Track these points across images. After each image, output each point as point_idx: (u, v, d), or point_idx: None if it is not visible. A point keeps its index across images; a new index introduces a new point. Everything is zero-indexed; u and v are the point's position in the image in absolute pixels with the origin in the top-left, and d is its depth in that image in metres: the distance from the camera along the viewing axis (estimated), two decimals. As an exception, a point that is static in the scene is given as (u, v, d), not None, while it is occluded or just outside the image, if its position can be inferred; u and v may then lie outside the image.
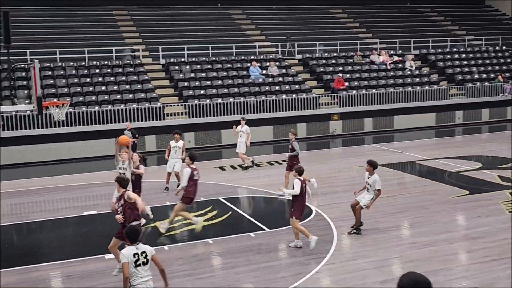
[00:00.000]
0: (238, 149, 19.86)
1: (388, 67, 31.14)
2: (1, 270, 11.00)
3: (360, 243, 11.92)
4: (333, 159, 22.01)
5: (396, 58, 32.20)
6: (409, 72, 30.94)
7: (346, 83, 28.63)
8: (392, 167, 19.62)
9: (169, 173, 16.98)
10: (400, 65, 31.64)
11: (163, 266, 7.82)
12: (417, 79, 30.37)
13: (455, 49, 34.75)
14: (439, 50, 34.26)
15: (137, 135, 20.14)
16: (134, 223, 9.70)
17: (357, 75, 30.08)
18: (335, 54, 31.99)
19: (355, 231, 12.51)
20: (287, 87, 27.70)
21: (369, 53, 32.32)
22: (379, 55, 31.97)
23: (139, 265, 7.48)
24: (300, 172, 11.66)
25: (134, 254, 7.47)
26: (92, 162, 22.47)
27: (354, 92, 27.98)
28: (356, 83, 29.18)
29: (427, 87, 29.36)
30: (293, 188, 11.45)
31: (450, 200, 15.07)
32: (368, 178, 12.39)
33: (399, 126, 28.28)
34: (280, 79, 28.32)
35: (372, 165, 12.35)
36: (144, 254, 7.53)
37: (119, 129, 23.39)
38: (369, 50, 32.88)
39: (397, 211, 14.18)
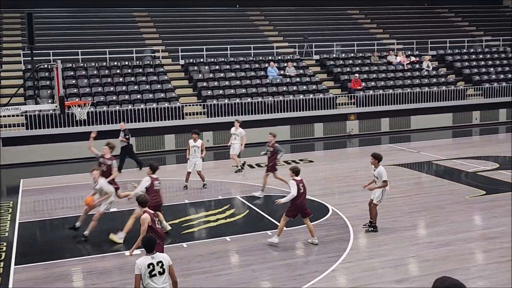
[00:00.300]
0: (232, 151, 19.77)
1: (405, 68, 31.13)
2: (27, 265, 11.37)
3: (376, 242, 12.06)
4: (350, 159, 22.12)
5: (413, 58, 32.16)
6: (426, 73, 30.90)
7: (363, 84, 28.70)
8: (409, 167, 19.70)
9: (189, 172, 17.25)
10: (417, 66, 31.61)
11: (177, 278, 7.67)
12: (434, 80, 30.33)
13: (472, 50, 34.61)
14: (457, 50, 34.15)
15: (128, 136, 19.77)
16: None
17: (374, 75, 30.13)
18: (352, 55, 32.06)
19: (372, 229, 12.67)
20: (305, 87, 27.85)
21: (386, 53, 32.33)
22: (396, 55, 31.96)
23: (154, 275, 7.30)
24: (296, 172, 11.85)
25: (149, 265, 7.31)
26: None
27: (371, 92, 28.05)
28: (373, 83, 29.24)
29: (444, 88, 29.32)
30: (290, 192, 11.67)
31: (467, 200, 15.13)
32: (374, 170, 12.54)
33: (416, 126, 28.27)
34: (298, 79, 28.49)
35: (377, 158, 12.49)
36: (160, 264, 7.36)
37: (140, 128, 23.88)
38: (386, 50, 32.89)
39: (414, 211, 14.29)
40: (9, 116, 22.04)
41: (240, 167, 19.64)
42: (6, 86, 25.33)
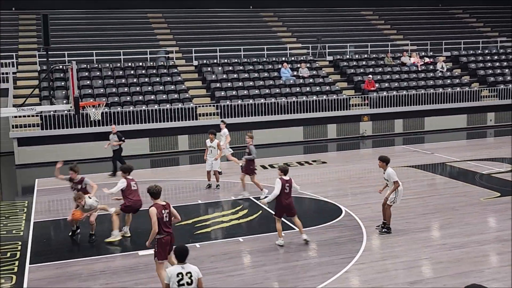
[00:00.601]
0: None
1: (419, 69, 31.00)
2: (41, 264, 11.48)
3: (390, 243, 12.02)
4: (363, 160, 22.06)
5: (427, 59, 32.02)
6: (440, 74, 30.74)
7: (377, 85, 28.62)
8: (423, 169, 19.61)
9: (209, 172, 17.38)
10: (431, 67, 31.45)
11: None
12: (449, 81, 30.16)
13: (487, 51, 34.35)
14: (471, 51, 33.91)
15: (123, 138, 19.33)
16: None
17: (388, 76, 30.02)
18: (365, 56, 31.97)
19: (385, 230, 12.66)
20: (318, 88, 27.83)
21: (400, 54, 32.21)
22: (410, 56, 31.83)
23: (183, 284, 7.39)
24: (285, 171, 11.90)
25: (178, 274, 7.42)
26: (127, 161, 22.89)
27: (385, 93, 27.95)
28: (386, 84, 29.14)
29: (458, 89, 29.13)
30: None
31: (481, 202, 15.03)
32: (384, 173, 12.60)
33: (430, 128, 28.14)
34: (311, 80, 28.47)
35: (384, 160, 12.56)
36: (189, 275, 7.44)
37: (154, 129, 24.00)
38: (400, 51, 32.76)
39: (427, 212, 14.23)
40: (24, 116, 22.29)
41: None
42: (22, 86, 25.60)
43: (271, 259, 11.29)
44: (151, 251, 11.76)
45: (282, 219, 12.18)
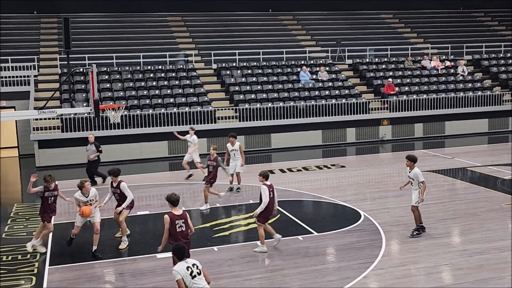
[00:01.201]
0: (187, 158, 19.45)
1: (440, 72, 30.72)
2: (60, 266, 11.56)
3: (409, 249, 11.91)
4: (382, 164, 21.90)
5: (448, 63, 31.72)
6: (461, 78, 30.43)
7: (397, 88, 28.42)
8: (443, 173, 19.41)
9: (232, 175, 17.40)
10: (452, 70, 31.15)
11: (208, 278, 8.05)
12: (470, 85, 29.83)
13: (509, 54, 33.91)
14: (493, 55, 33.52)
15: (100, 149, 18.77)
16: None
17: (408, 80, 29.80)
18: (385, 59, 31.79)
19: (416, 232, 12.67)
20: (337, 92, 27.71)
21: (420, 58, 31.96)
22: (431, 60, 31.58)
23: (195, 276, 7.74)
24: (266, 176, 11.79)
25: (187, 268, 7.76)
26: (145, 164, 23.09)
27: (405, 97, 27.74)
28: (406, 88, 28.92)
29: (479, 93, 28.80)
30: (260, 200, 11.72)
31: (502, 207, 14.82)
32: (409, 172, 12.66)
33: (451, 132, 27.85)
34: (330, 84, 28.37)
35: (412, 160, 12.63)
36: (195, 266, 7.82)
37: (172, 132, 24.05)
38: (420, 55, 32.51)
39: (447, 218, 14.07)
40: (45, 119, 22.53)
41: (190, 174, 19.37)
42: (43, 89, 25.89)
43: (289, 263, 11.25)
44: (169, 254, 11.83)
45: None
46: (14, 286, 10.58)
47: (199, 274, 7.79)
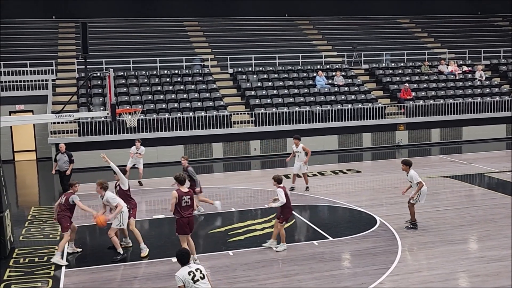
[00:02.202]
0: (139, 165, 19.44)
1: (457, 77, 30.50)
2: (76, 268, 11.64)
3: (426, 255, 11.82)
4: (398, 170, 21.61)
5: (465, 68, 31.48)
6: (479, 83, 30.18)
7: (413, 93, 28.26)
8: (460, 179, 19.24)
9: (294, 175, 17.78)
10: (470, 75, 30.91)
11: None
12: (487, 90, 29.57)
13: (528, 59, 33.60)
14: (511, 60, 33.20)
15: (73, 158, 18.03)
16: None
17: (425, 85, 29.63)
18: (402, 64, 31.64)
19: (411, 226, 13.50)
20: (353, 96, 27.63)
21: (438, 63, 31.77)
22: (448, 65, 31.37)
23: (197, 280, 7.80)
24: (279, 180, 12.19)
25: (189, 272, 7.82)
26: (161, 167, 23.18)
27: (421, 102, 27.57)
28: (423, 93, 28.76)
29: (497, 98, 28.53)
30: (278, 200, 12.09)
31: (520, 214, 14.66)
32: (407, 176, 13.51)
33: (468, 137, 27.63)
34: (346, 88, 28.30)
35: (407, 164, 13.50)
36: (198, 271, 7.88)
37: (189, 136, 24.18)
38: (438, 60, 32.32)
39: (464, 224, 13.93)
40: (63, 122, 22.73)
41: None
42: (61, 93, 26.14)
43: (304, 269, 11.21)
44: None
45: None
46: (31, 289, 10.68)
47: (202, 278, 7.83)
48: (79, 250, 12.68)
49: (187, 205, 11.07)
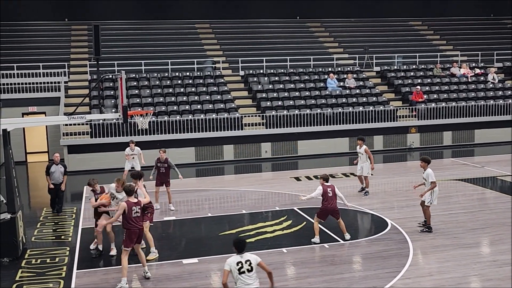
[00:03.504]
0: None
1: (469, 80, 30.32)
2: (88, 270, 11.70)
3: (437, 258, 11.74)
4: (410, 173, 21.66)
5: (478, 70, 31.29)
6: (491, 85, 29.99)
7: (425, 96, 28.13)
8: (473, 182, 19.11)
9: (359, 176, 17.80)
10: (482, 78, 30.72)
11: (271, 269, 8.49)
12: (500, 92, 29.37)
13: (542, 62, 33.34)
14: (524, 62, 32.99)
15: (67, 170, 16.54)
16: None
17: (437, 87, 29.49)
18: (414, 67, 31.52)
19: (426, 229, 13.42)
20: (364, 99, 27.55)
21: (450, 65, 31.61)
22: (460, 67, 31.20)
23: (243, 272, 8.05)
24: (326, 179, 12.96)
25: (238, 263, 8.09)
26: (172, 170, 23.15)
27: (433, 105, 27.44)
28: (435, 95, 28.61)
29: (510, 101, 28.32)
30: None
31: (533, 218, 14.53)
32: (423, 173, 13.48)
33: (480, 140, 27.44)
34: (357, 91, 28.22)
35: (426, 161, 13.50)
36: (248, 262, 8.11)
37: (200, 138, 24.22)
38: (450, 62, 32.15)
39: (477, 228, 13.83)
40: (75, 124, 22.85)
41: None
42: (73, 95, 26.31)
43: (315, 271, 11.18)
44: (196, 260, 11.89)
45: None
46: (43, 289, 10.74)
47: (249, 271, 8.06)
48: (99, 248, 12.73)
49: (137, 216, 10.75)
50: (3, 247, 12.15)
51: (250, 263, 8.11)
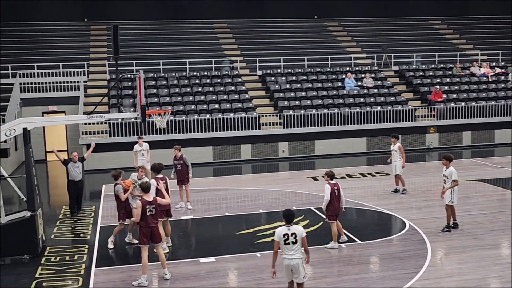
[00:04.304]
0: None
1: (490, 79, 30.00)
2: (106, 267, 11.79)
3: (456, 260, 11.64)
4: (429, 173, 21.49)
5: (498, 70, 30.95)
6: (512, 85, 29.67)
7: (444, 96, 27.88)
8: (492, 183, 18.90)
9: (395, 176, 17.63)
10: (503, 77, 30.37)
11: (307, 248, 9.06)
12: (521, 92, 29.04)
13: None
14: (546, 61, 32.56)
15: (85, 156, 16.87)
16: None
17: (456, 87, 29.21)
18: (433, 66, 31.26)
19: (446, 229, 13.35)
20: (382, 98, 27.39)
21: (470, 64, 31.30)
22: (480, 67, 30.88)
23: (288, 243, 8.78)
24: (331, 176, 12.48)
25: (284, 234, 8.79)
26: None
27: (453, 104, 27.18)
28: (454, 95, 28.35)
29: (532, 101, 27.98)
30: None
31: (554, 219, 14.33)
32: (445, 171, 13.40)
33: (500, 141, 27.11)
34: (375, 90, 28.07)
35: (448, 158, 13.45)
36: (294, 235, 8.78)
37: (218, 138, 24.26)
38: (470, 61, 31.83)
39: (497, 229, 13.66)
40: (94, 123, 23.05)
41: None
42: (92, 94, 26.52)
43: (332, 271, 11.15)
44: (213, 259, 11.93)
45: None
46: (61, 286, 10.84)
47: (294, 243, 8.75)
48: (135, 241, 12.84)
49: (151, 215, 10.69)
50: (24, 245, 12.30)
51: (296, 236, 8.74)
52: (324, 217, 12.97)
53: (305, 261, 9.04)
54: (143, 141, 19.24)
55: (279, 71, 29.42)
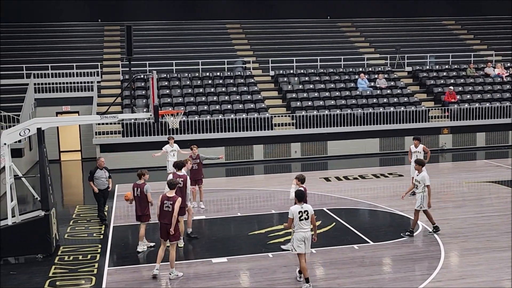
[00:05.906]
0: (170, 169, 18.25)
1: (504, 80, 29.76)
2: (119, 267, 11.85)
3: (469, 261, 11.56)
4: (442, 174, 21.37)
5: (513, 70, 30.72)
6: (527, 86, 29.39)
7: (458, 96, 27.71)
8: (507, 185, 18.75)
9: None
10: (518, 78, 30.14)
11: (315, 223, 10.39)
12: (536, 93, 28.76)
13: None
14: (561, 62, 32.22)
15: (110, 175, 15.59)
16: None
17: (470, 88, 29.02)
18: (446, 67, 31.07)
19: (408, 233, 13.21)
20: (395, 99, 27.27)
21: (484, 65, 31.07)
22: (495, 67, 30.65)
23: (303, 219, 10.03)
24: (301, 180, 11.82)
25: (299, 212, 10.02)
26: (203, 169, 23.28)
27: (466, 105, 27.00)
28: (468, 96, 28.15)
29: (547, 102, 27.71)
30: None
31: None
32: (417, 176, 13.24)
33: (515, 142, 26.92)
34: (388, 91, 27.96)
35: (420, 164, 13.30)
36: (306, 212, 10.05)
37: (230, 138, 24.30)
38: (484, 62, 31.60)
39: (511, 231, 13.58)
40: (107, 123, 23.19)
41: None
42: (105, 95, 26.68)
43: (344, 272, 11.13)
44: (225, 259, 11.95)
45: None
46: (75, 286, 10.92)
47: (306, 219, 10.02)
48: (151, 244, 12.93)
49: (167, 211, 10.81)
50: (37, 244, 12.41)
51: (308, 213, 10.02)
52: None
53: (313, 239, 10.25)
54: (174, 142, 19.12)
55: (291, 71, 29.41)
